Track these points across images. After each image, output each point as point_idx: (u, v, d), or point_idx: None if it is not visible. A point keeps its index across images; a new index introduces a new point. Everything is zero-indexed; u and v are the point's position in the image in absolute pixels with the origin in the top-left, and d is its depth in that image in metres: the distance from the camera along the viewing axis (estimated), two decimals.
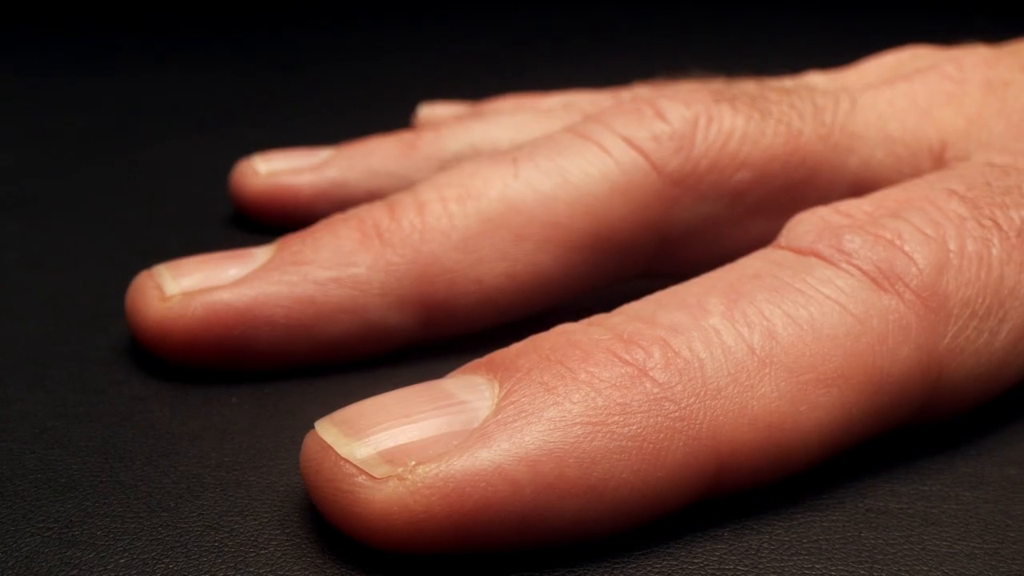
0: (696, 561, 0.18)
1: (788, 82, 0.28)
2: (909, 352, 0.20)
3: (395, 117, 0.37)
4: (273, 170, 0.30)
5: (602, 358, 0.18)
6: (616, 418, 0.18)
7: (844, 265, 0.20)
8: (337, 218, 0.24)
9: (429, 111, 0.35)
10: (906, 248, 0.20)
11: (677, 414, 0.18)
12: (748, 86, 0.26)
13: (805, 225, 0.21)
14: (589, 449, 0.17)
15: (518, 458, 0.17)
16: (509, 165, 0.24)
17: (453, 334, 0.23)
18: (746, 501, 0.19)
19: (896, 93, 0.27)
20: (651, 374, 0.18)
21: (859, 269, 0.20)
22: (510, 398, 0.18)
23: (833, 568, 0.18)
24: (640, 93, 0.25)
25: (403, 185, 0.30)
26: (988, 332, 0.20)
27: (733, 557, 0.18)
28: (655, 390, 0.18)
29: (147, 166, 0.37)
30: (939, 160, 0.26)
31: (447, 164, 0.29)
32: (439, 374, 0.19)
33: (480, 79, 0.42)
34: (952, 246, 0.21)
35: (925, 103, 0.27)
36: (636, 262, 0.24)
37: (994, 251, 0.21)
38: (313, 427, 0.18)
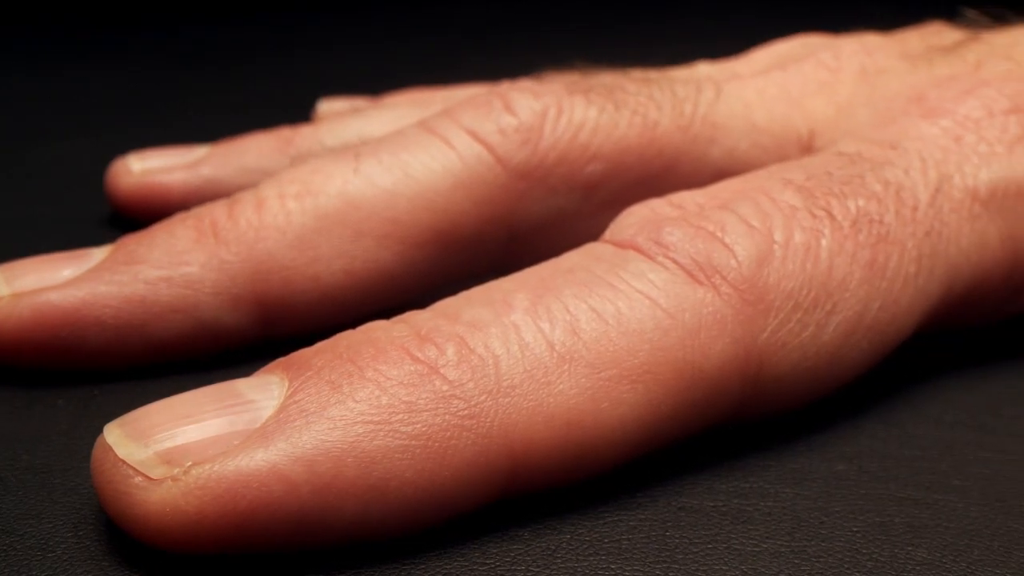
0: (488, 562, 0.18)
1: (653, 73, 0.28)
2: (724, 346, 0.20)
3: (304, 114, 0.37)
4: (147, 168, 0.30)
5: (394, 356, 0.18)
6: (400, 416, 0.18)
7: (660, 258, 0.20)
8: (177, 217, 0.24)
9: (328, 106, 0.36)
10: (727, 240, 0.20)
11: (466, 412, 0.18)
12: (608, 77, 0.26)
13: (631, 218, 0.21)
14: (370, 448, 0.17)
15: (294, 457, 0.17)
16: (351, 160, 0.24)
17: (294, 332, 0.24)
18: (556, 499, 0.19)
19: (768, 82, 0.27)
20: (442, 372, 0.18)
21: (675, 262, 0.20)
22: (294, 397, 0.18)
23: (628, 568, 0.18)
24: (501, 87, 0.25)
25: None
26: (815, 325, 0.20)
27: (528, 558, 0.18)
28: (444, 388, 0.18)
29: (33, 166, 0.37)
30: (807, 149, 0.26)
31: None
32: None
33: (399, 74, 0.42)
34: (778, 237, 0.21)
35: (797, 92, 0.27)
36: (485, 257, 0.24)
37: (824, 242, 0.21)
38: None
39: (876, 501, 0.20)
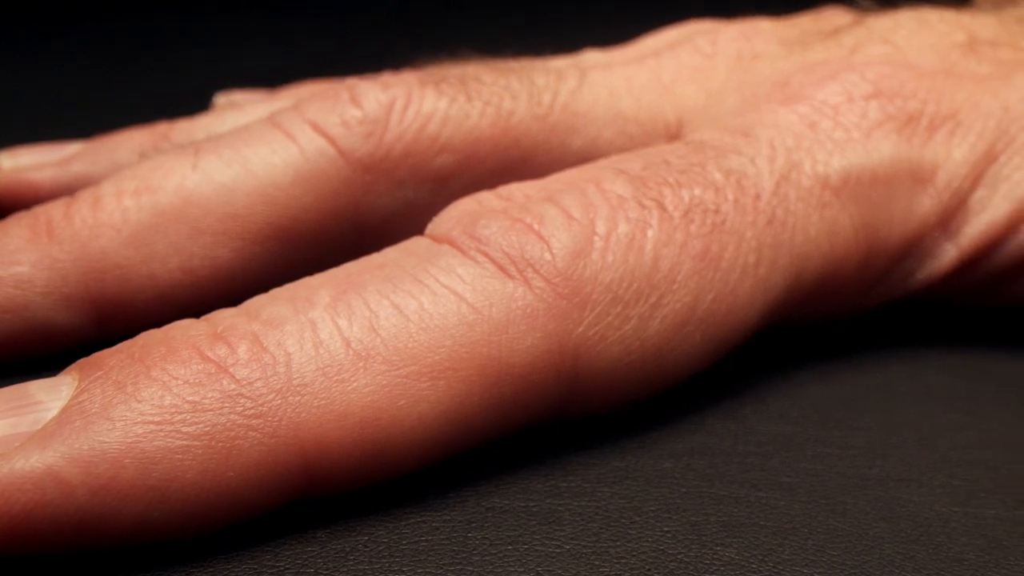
0: (279, 564, 0.18)
1: (518, 63, 0.27)
2: (536, 341, 0.19)
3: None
4: (17, 166, 0.30)
5: (183, 355, 0.18)
6: (183, 416, 0.18)
7: (472, 252, 0.20)
8: (14, 216, 0.24)
9: (226, 100, 0.35)
10: (543, 232, 0.20)
11: (253, 411, 0.18)
12: (470, 68, 0.26)
13: (453, 211, 0.21)
14: (149, 449, 0.17)
15: (70, 459, 0.17)
16: (190, 156, 0.24)
17: (133, 331, 0.23)
18: (363, 499, 0.19)
19: (639, 70, 0.27)
20: (231, 371, 0.18)
21: (487, 256, 0.20)
22: (79, 398, 0.18)
23: (421, 570, 0.18)
24: (352, 79, 0.25)
25: None
26: (637, 318, 0.20)
27: (320, 560, 0.18)
28: (232, 387, 0.18)
29: None
30: (675, 137, 0.26)
31: None
32: None
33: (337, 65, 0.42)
34: (600, 229, 0.20)
35: (668, 79, 0.27)
36: (333, 252, 0.24)
37: (650, 233, 0.21)
38: None
39: (695, 499, 0.19)
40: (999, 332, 0.25)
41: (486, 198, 0.21)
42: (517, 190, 0.21)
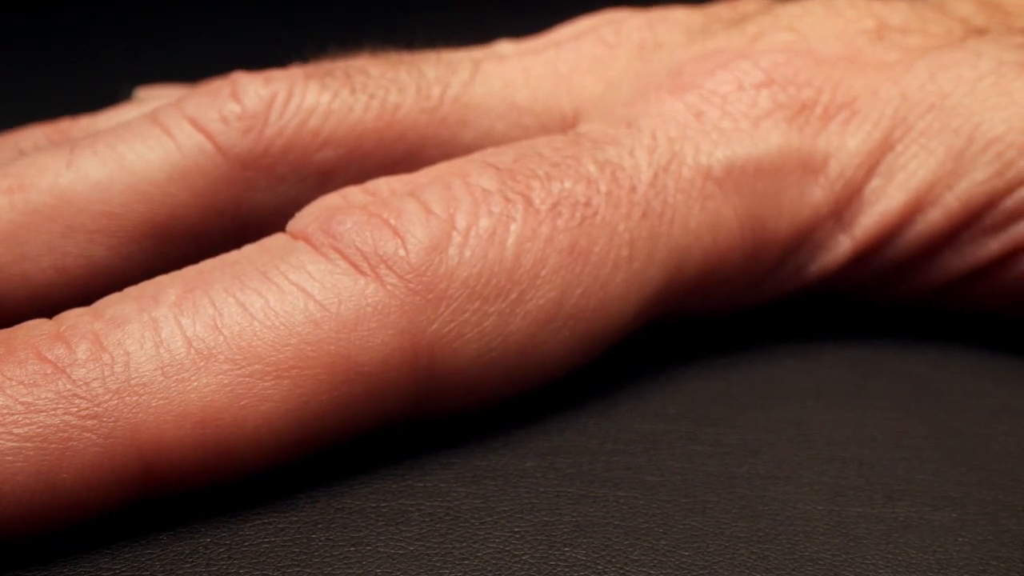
0: (116, 567, 0.18)
1: (407, 56, 0.27)
2: (387, 338, 0.19)
3: None
4: None
5: (21, 356, 0.18)
6: (16, 418, 0.18)
7: (325, 249, 0.20)
8: None
9: (147, 94, 0.36)
10: (400, 228, 0.20)
11: (88, 412, 0.18)
12: (358, 61, 0.26)
13: (314, 207, 0.21)
14: None
15: None
16: (66, 153, 0.24)
17: None
18: (212, 499, 0.19)
19: (537, 60, 0.27)
20: (68, 371, 0.18)
21: (340, 253, 0.20)
22: None
23: (259, 572, 0.18)
24: (236, 74, 0.25)
25: None
26: (497, 315, 0.20)
27: (158, 563, 0.18)
28: (68, 387, 0.18)
29: None
30: (571, 128, 0.26)
31: None
32: None
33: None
34: (460, 223, 0.20)
35: (567, 70, 0.26)
36: (215, 249, 0.24)
37: (513, 227, 0.21)
38: None
39: (551, 499, 0.19)
40: (895, 326, 0.25)
41: (352, 193, 0.21)
42: (384, 184, 0.21)
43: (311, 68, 0.25)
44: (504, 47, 0.30)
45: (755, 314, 0.24)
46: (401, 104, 0.25)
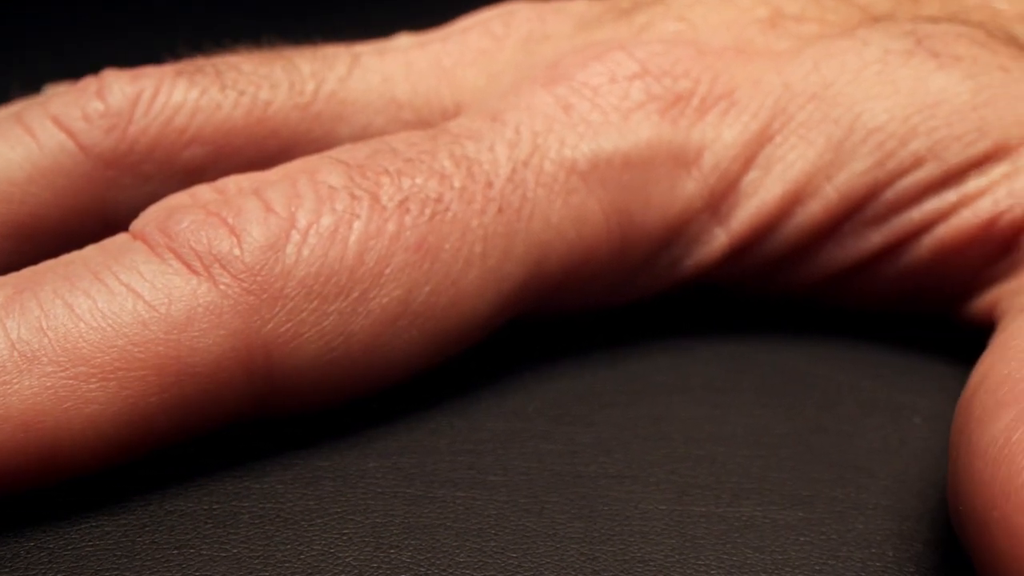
0: None
1: (285, 51, 0.27)
2: (220, 339, 0.19)
3: None
4: None
5: None
6: None
7: (161, 249, 0.20)
8: None
9: (53, 91, 0.36)
10: (237, 227, 0.20)
11: None
12: (232, 57, 0.26)
13: (158, 205, 0.21)
14: None
15: None
16: None
17: None
18: (41, 502, 0.19)
19: (421, 54, 0.27)
20: None
21: (174, 253, 0.20)
22: None
23: None
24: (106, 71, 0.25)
25: None
26: (337, 314, 0.20)
27: None
28: None
29: None
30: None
31: None
32: None
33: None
34: (301, 222, 0.20)
35: (450, 63, 0.26)
36: (78, 249, 0.24)
37: (357, 225, 0.21)
38: None
39: (387, 500, 0.19)
40: (775, 321, 0.25)
41: (200, 191, 0.21)
42: (232, 182, 0.21)
43: (182, 65, 0.25)
44: (402, 40, 0.30)
45: (630, 310, 0.24)
46: (272, 100, 0.25)
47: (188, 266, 0.20)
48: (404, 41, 0.29)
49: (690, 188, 0.24)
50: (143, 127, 0.24)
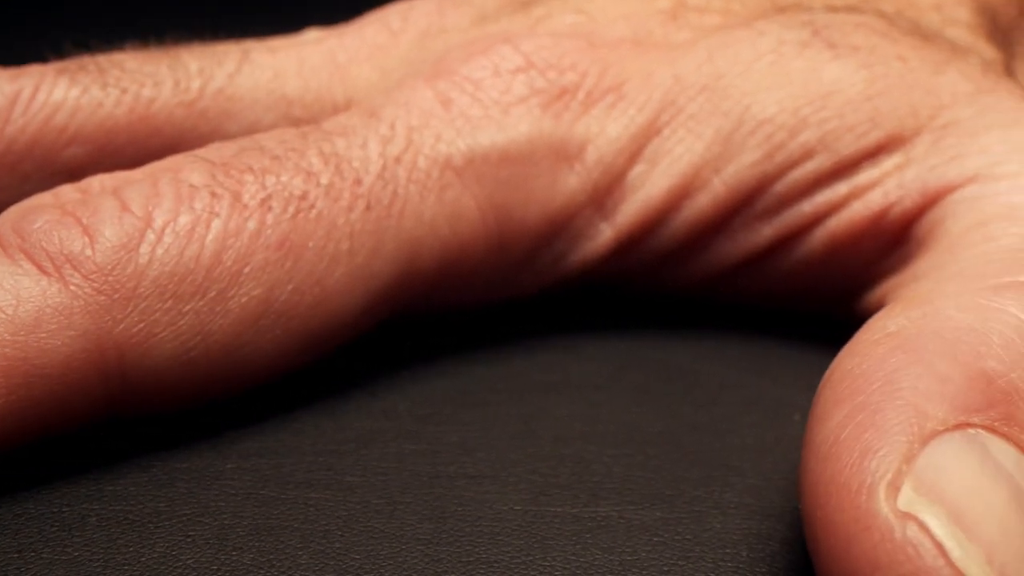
0: None
1: (174, 49, 0.27)
2: (69, 340, 0.19)
3: None
4: None
5: None
6: None
7: (12, 250, 0.20)
8: None
9: None
10: (91, 227, 0.20)
11: None
12: (114, 55, 0.26)
13: (17, 206, 0.21)
14: None
15: None
16: None
17: None
18: None
19: (316, 50, 0.27)
20: None
21: (26, 253, 0.20)
22: None
23: None
24: None
25: None
26: (194, 314, 0.20)
27: None
28: None
29: None
30: None
31: None
32: None
33: None
34: (157, 221, 0.20)
35: (345, 59, 0.26)
36: None
37: (216, 223, 0.21)
38: None
39: (238, 502, 0.19)
40: (665, 318, 0.25)
41: (64, 191, 0.21)
42: (97, 181, 0.22)
43: (65, 64, 0.25)
44: (308, 35, 0.30)
45: (516, 307, 0.24)
46: (156, 98, 0.25)
47: (39, 267, 0.20)
48: (309, 36, 0.29)
49: (572, 183, 0.24)
50: (21, 126, 0.24)
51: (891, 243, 0.24)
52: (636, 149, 0.24)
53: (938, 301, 0.19)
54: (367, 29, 0.27)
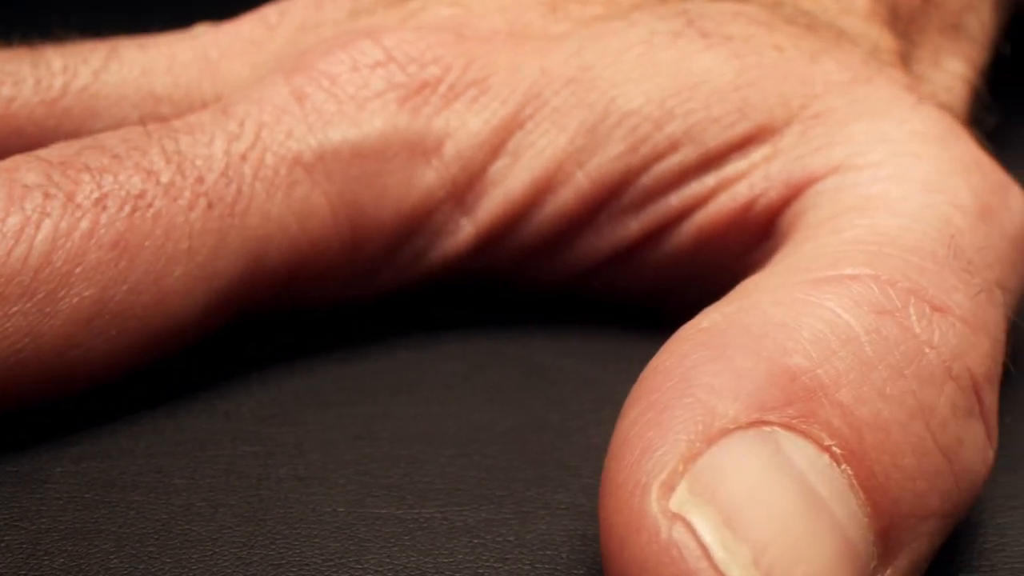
0: None
1: (39, 48, 0.27)
2: None
3: None
4: None
5: None
6: None
7: None
8: None
9: None
10: None
11: None
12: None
13: None
14: None
15: None
16: None
17: None
18: None
19: (189, 46, 0.27)
20: None
21: None
22: None
23: None
24: None
25: None
26: (22, 315, 0.20)
27: None
28: None
29: None
30: None
31: None
32: None
33: None
34: None
35: (218, 55, 0.27)
36: None
37: (47, 224, 0.21)
38: None
39: (60, 505, 0.19)
40: (532, 316, 0.25)
41: None
42: None
43: None
44: (196, 30, 0.30)
45: (379, 305, 0.24)
46: (16, 97, 0.25)
47: None
48: (193, 32, 0.29)
49: (429, 178, 0.24)
50: None
51: (757, 236, 0.24)
52: (498, 143, 0.24)
53: (756, 295, 0.19)
54: (244, 24, 0.27)
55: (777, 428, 0.16)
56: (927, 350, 0.18)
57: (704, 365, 0.17)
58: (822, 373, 0.17)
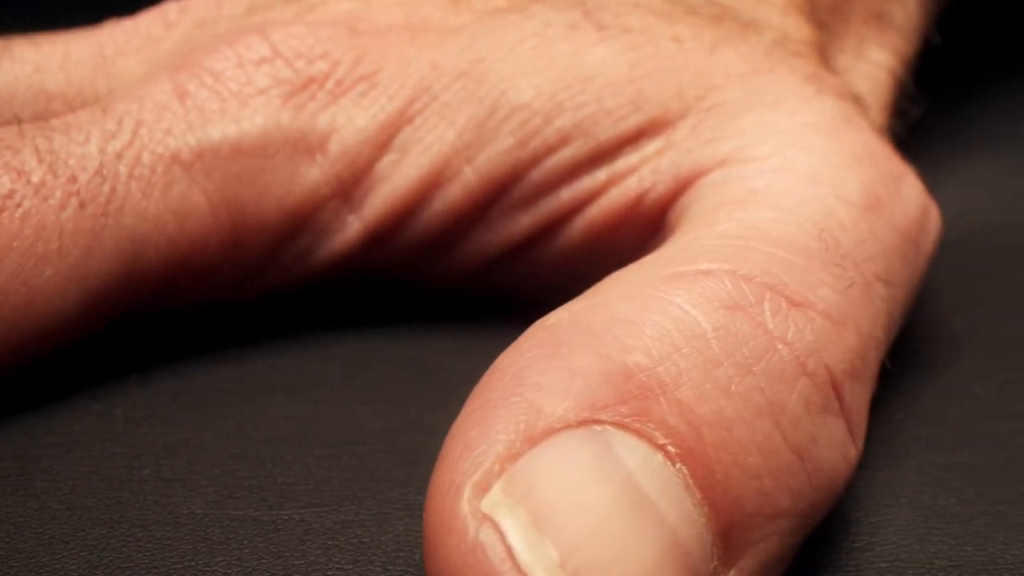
0: None
1: None
2: None
3: None
4: None
5: None
6: None
7: None
8: None
9: None
10: None
11: None
12: None
13: None
14: None
15: None
16: None
17: None
18: None
19: (85, 44, 0.27)
20: None
21: None
22: None
23: None
24: None
25: None
26: None
27: None
28: None
29: None
30: None
31: None
32: None
33: None
34: None
35: (113, 52, 0.27)
36: None
37: None
38: None
39: None
40: (427, 314, 0.25)
41: None
42: None
43: None
44: (103, 26, 0.30)
45: (263, 304, 0.24)
46: None
47: None
48: (101, 27, 0.29)
49: (313, 175, 0.24)
50: None
51: (648, 231, 0.24)
52: (385, 139, 0.24)
53: (607, 291, 0.19)
54: (143, 21, 0.27)
55: (609, 427, 0.16)
56: (779, 346, 0.18)
57: (537, 363, 0.17)
58: (662, 371, 0.17)
